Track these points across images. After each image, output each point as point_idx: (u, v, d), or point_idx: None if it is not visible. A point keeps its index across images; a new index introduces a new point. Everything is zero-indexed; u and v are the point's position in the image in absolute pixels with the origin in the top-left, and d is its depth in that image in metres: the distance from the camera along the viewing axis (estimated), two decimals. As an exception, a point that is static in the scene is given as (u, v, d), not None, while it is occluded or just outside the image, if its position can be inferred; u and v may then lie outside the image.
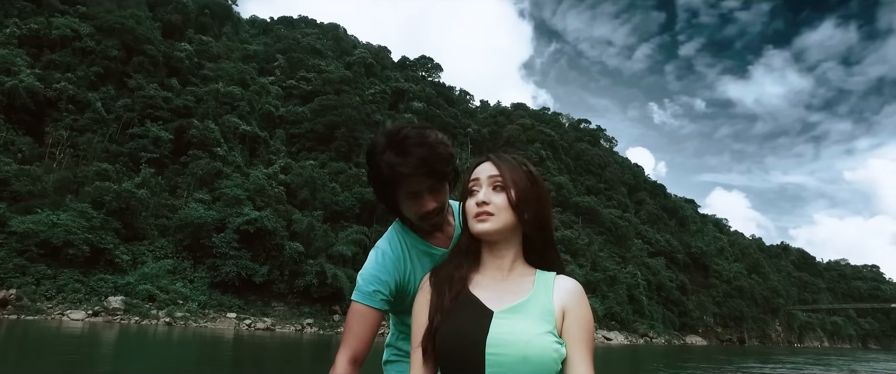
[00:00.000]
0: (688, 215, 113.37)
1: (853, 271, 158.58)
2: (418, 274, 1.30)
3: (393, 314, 1.43)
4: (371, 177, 1.27)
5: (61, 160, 38.40)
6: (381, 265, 1.28)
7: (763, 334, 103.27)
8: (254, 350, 15.37)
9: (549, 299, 1.08)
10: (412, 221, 1.31)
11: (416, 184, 1.22)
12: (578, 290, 1.11)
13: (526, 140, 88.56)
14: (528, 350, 0.99)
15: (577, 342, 1.05)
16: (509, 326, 1.03)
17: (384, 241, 1.34)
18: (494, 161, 1.14)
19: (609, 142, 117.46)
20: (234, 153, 46.54)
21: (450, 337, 1.04)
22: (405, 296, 1.31)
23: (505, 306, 1.07)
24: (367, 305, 1.25)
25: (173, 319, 31.30)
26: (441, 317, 1.06)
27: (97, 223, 33.01)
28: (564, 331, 1.06)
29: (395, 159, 1.19)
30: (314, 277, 37.62)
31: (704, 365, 17.65)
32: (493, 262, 1.14)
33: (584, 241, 73.09)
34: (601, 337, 58.09)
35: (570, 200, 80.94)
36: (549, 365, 1.00)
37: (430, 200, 1.26)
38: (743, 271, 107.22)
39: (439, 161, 1.22)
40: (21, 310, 27.23)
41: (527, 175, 1.14)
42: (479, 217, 1.10)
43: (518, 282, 1.12)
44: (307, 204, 45.18)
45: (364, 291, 1.25)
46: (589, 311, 1.10)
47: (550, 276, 1.13)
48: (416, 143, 1.20)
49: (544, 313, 1.06)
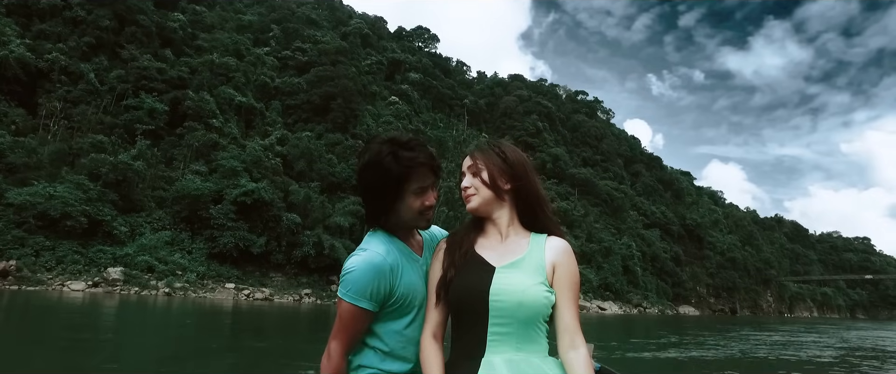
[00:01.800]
0: (683, 188, 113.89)
1: (845, 243, 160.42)
2: (405, 277, 1.38)
3: (377, 321, 1.41)
4: (375, 180, 1.36)
5: (56, 132, 38.19)
6: (378, 270, 1.33)
7: (755, 304, 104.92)
8: (253, 319, 15.65)
9: (542, 257, 1.31)
10: (408, 219, 1.42)
11: (424, 178, 1.37)
12: (567, 248, 1.34)
13: (523, 112, 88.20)
14: (524, 298, 1.24)
15: (564, 291, 1.29)
16: (508, 279, 1.27)
17: (378, 245, 1.38)
18: (471, 154, 1.40)
19: (606, 114, 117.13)
20: (230, 125, 46.33)
21: (460, 288, 1.29)
22: (401, 286, 1.37)
23: (505, 262, 1.31)
24: (363, 308, 1.33)
25: (172, 289, 31.65)
26: (453, 272, 1.31)
27: (94, 195, 33.07)
28: (554, 282, 1.29)
29: (409, 154, 1.35)
30: (311, 248, 37.94)
31: (705, 334, 18.07)
32: (492, 229, 1.39)
33: (579, 212, 73.54)
34: (596, 307, 59.00)
35: (567, 171, 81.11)
36: (541, 310, 1.25)
37: (432, 195, 1.41)
38: (736, 243, 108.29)
39: (438, 160, 1.41)
40: (22, 281, 27.49)
41: (498, 155, 1.37)
42: (465, 199, 1.38)
43: (515, 242, 1.35)
44: (304, 175, 45.23)
45: (362, 291, 1.32)
46: (575, 265, 1.33)
47: (543, 237, 1.36)
48: (419, 143, 1.38)
49: (537, 268, 1.29)
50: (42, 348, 7.08)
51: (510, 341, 1.24)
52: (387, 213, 1.41)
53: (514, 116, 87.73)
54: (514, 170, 1.37)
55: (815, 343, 16.03)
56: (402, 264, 1.39)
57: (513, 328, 1.24)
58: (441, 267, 1.36)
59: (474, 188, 1.36)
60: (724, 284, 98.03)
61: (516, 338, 1.24)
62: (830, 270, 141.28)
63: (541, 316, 1.26)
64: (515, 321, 1.24)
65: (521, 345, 1.24)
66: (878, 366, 9.73)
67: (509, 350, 1.23)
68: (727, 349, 12.05)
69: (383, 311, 1.38)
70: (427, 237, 1.54)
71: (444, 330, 1.37)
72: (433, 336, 1.34)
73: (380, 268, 1.33)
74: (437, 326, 1.35)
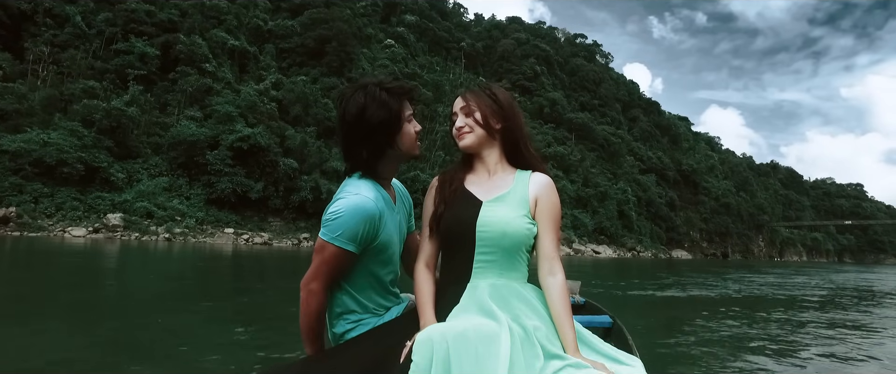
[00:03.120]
0: (681, 133, 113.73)
1: (838, 189, 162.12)
2: (387, 224, 1.45)
3: (360, 264, 1.46)
4: (379, 117, 1.41)
5: (45, 77, 37.52)
6: (363, 209, 1.37)
7: (746, 249, 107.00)
8: (253, 263, 15.93)
9: (525, 191, 1.41)
10: (408, 147, 1.49)
11: (409, 107, 1.47)
12: (549, 183, 1.44)
13: (520, 55, 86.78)
14: (507, 229, 1.35)
15: (545, 222, 1.40)
16: (494, 212, 1.38)
17: (363, 187, 1.42)
18: (463, 96, 1.49)
19: (605, 58, 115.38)
20: (223, 69, 45.52)
21: (450, 220, 1.40)
22: (379, 235, 1.42)
23: (491, 197, 1.42)
24: (347, 249, 1.37)
25: (172, 234, 31.99)
26: (444, 207, 1.42)
27: (89, 142, 32.88)
28: (537, 214, 1.40)
29: (396, 85, 1.46)
30: (309, 192, 38.16)
31: (697, 275, 18.52)
32: (481, 166, 1.49)
33: (576, 157, 73.66)
34: (590, 250, 60.06)
35: (564, 116, 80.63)
36: (523, 240, 1.36)
37: (417, 122, 1.51)
38: (731, 189, 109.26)
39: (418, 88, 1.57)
40: (23, 227, 27.73)
41: (490, 97, 1.46)
42: (459, 137, 1.46)
43: (501, 179, 1.45)
44: (300, 120, 44.89)
45: (347, 233, 1.35)
46: (556, 199, 1.43)
47: (527, 173, 1.46)
48: (392, 79, 1.49)
49: (521, 201, 1.40)
50: (57, 290, 7.24)
51: (494, 268, 1.36)
52: (391, 147, 1.47)
53: (512, 59, 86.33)
54: (504, 111, 1.47)
55: (805, 284, 16.49)
56: (385, 211, 1.44)
57: (497, 256, 1.36)
58: (433, 203, 1.46)
59: (469, 127, 1.45)
60: (717, 229, 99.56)
61: (499, 265, 1.36)
62: (822, 215, 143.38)
63: (523, 246, 1.37)
64: (499, 249, 1.35)
65: (504, 272, 1.36)
66: (859, 301, 10.10)
67: (493, 276, 1.35)
68: (720, 290, 12.39)
69: (364, 256, 1.43)
70: (397, 189, 1.62)
71: (436, 261, 1.47)
72: (426, 265, 1.44)
73: (369, 213, 1.37)
74: (430, 256, 1.46)
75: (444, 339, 1.08)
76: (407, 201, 1.67)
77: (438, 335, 1.09)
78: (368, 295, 1.49)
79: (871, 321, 7.79)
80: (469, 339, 1.09)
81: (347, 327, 1.48)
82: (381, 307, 1.51)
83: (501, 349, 1.10)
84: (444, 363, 1.05)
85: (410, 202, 1.70)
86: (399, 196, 1.61)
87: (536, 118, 77.09)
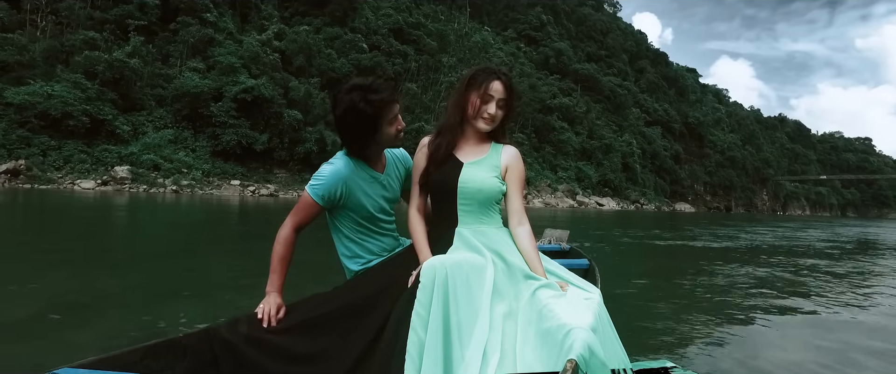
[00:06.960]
0: (688, 85, 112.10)
1: (846, 143, 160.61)
2: (357, 190, 1.83)
3: (344, 216, 1.88)
4: (355, 124, 1.73)
5: (44, 28, 37.01)
6: (335, 178, 1.78)
7: (750, 202, 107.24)
8: (260, 214, 16.19)
9: (498, 159, 1.82)
10: (387, 143, 1.86)
11: (392, 109, 1.77)
12: (517, 154, 1.85)
13: (526, 4, 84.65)
14: (482, 186, 1.76)
15: (513, 184, 1.82)
16: (472, 172, 1.78)
17: (341, 163, 1.81)
18: (506, 84, 1.78)
19: (613, 6, 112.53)
20: (224, 19, 44.71)
21: (438, 178, 1.80)
22: (348, 200, 1.82)
23: (471, 160, 1.81)
24: (316, 201, 1.79)
25: (179, 187, 32.30)
26: (434, 167, 1.81)
27: (93, 94, 32.77)
28: (506, 178, 1.82)
29: (377, 96, 1.71)
30: (314, 144, 38.22)
31: (700, 228, 18.73)
32: (470, 133, 1.85)
33: (581, 109, 73.03)
34: (594, 203, 60.40)
35: (570, 67, 79.40)
36: (494, 195, 1.78)
37: (400, 119, 1.84)
38: (737, 142, 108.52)
39: (400, 93, 1.72)
40: (33, 179, 28.04)
41: (518, 97, 1.84)
42: (485, 121, 1.78)
43: (481, 147, 1.85)
44: (304, 71, 44.44)
45: (318, 191, 1.78)
46: (522, 166, 1.85)
47: (500, 146, 1.86)
48: (382, 83, 1.77)
49: (493, 166, 1.81)
50: (76, 239, 7.45)
51: (473, 215, 1.77)
52: (368, 145, 1.82)
53: (518, 8, 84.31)
54: (515, 110, 1.85)
55: (809, 236, 16.67)
56: (357, 184, 1.83)
57: (474, 207, 1.77)
58: (424, 160, 1.84)
59: (495, 119, 1.79)
60: (721, 182, 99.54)
61: (477, 214, 1.77)
62: (828, 170, 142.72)
63: (494, 199, 1.78)
64: (476, 201, 1.76)
65: (481, 218, 1.77)
66: (862, 252, 10.26)
67: (473, 222, 1.76)
68: (722, 241, 12.57)
69: (337, 211, 1.86)
70: (389, 157, 1.98)
71: (425, 207, 1.87)
72: (417, 210, 1.85)
73: (339, 180, 1.79)
74: (421, 204, 1.86)
75: (444, 266, 1.46)
76: (406, 163, 2.04)
77: (439, 263, 1.47)
78: (366, 242, 1.91)
79: (875, 269, 7.93)
80: (462, 267, 1.49)
81: (360, 266, 1.91)
82: (384, 251, 1.94)
83: (487, 276, 1.53)
84: (443, 283, 1.42)
85: (411, 164, 1.99)
86: (392, 163, 1.98)
87: (542, 69, 75.91)
